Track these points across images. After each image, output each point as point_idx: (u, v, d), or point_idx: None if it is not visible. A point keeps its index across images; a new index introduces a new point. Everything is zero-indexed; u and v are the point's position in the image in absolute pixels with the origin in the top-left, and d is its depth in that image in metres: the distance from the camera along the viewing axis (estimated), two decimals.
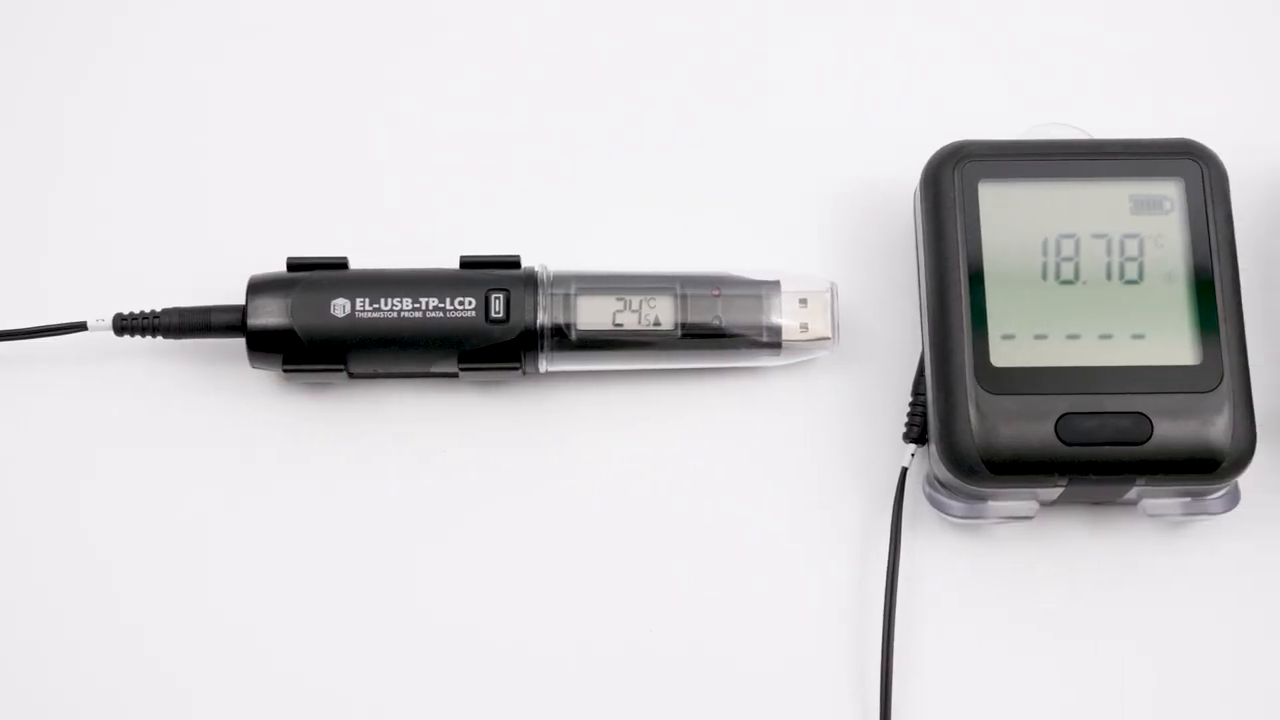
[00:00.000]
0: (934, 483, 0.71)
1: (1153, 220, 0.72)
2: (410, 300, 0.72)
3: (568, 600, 0.71)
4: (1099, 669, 0.71)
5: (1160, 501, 0.70)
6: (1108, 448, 0.68)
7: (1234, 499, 0.71)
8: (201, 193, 0.77)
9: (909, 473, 0.72)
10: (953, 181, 0.72)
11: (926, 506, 0.72)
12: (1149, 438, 0.68)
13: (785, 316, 0.73)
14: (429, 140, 0.78)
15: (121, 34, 0.79)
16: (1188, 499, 0.70)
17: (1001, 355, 0.70)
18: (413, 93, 0.79)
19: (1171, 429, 0.68)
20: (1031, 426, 0.68)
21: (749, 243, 0.76)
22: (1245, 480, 0.71)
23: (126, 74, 0.79)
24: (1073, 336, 0.70)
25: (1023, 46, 0.79)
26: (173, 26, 0.79)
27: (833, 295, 0.73)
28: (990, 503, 0.71)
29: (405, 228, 0.76)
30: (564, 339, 0.72)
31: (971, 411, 0.69)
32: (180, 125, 0.78)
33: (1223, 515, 0.71)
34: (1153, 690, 0.70)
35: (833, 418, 0.74)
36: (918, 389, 0.72)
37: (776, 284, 0.73)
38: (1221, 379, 0.69)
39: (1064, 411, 0.69)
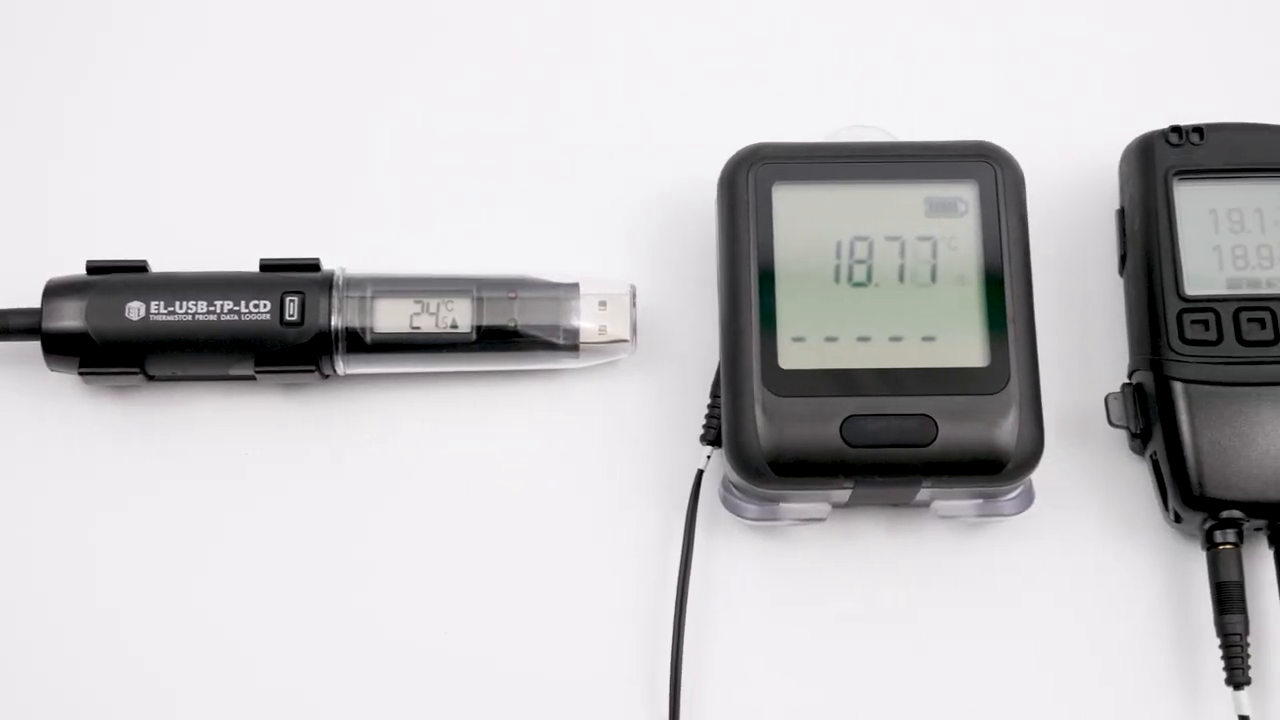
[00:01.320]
0: (729, 485, 0.71)
1: (947, 223, 0.72)
2: (205, 303, 0.72)
3: (365, 601, 0.71)
4: (895, 669, 0.71)
5: (952, 504, 0.71)
6: (892, 450, 0.68)
7: (1027, 500, 0.71)
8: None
9: (706, 475, 0.72)
10: (747, 184, 0.72)
11: (724, 509, 0.72)
12: (934, 440, 0.68)
13: (584, 319, 0.73)
14: (238, 143, 0.78)
15: None
16: (980, 500, 0.71)
17: (790, 357, 0.70)
18: (215, 98, 0.79)
19: (956, 431, 0.68)
20: (816, 429, 0.68)
21: (553, 246, 0.76)
22: (1040, 481, 0.71)
23: None
24: (863, 339, 0.70)
25: (832, 48, 0.80)
26: None
27: (632, 298, 0.73)
28: (782, 505, 0.71)
29: (211, 232, 0.76)
30: (360, 342, 0.72)
31: (758, 414, 0.69)
32: None
33: (1016, 516, 0.71)
34: (948, 690, 0.71)
35: (633, 420, 0.74)
36: (715, 391, 0.72)
37: (575, 286, 0.73)
38: (1008, 380, 0.69)
39: (849, 414, 0.69)
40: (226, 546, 0.72)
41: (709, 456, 0.72)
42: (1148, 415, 0.71)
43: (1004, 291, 0.70)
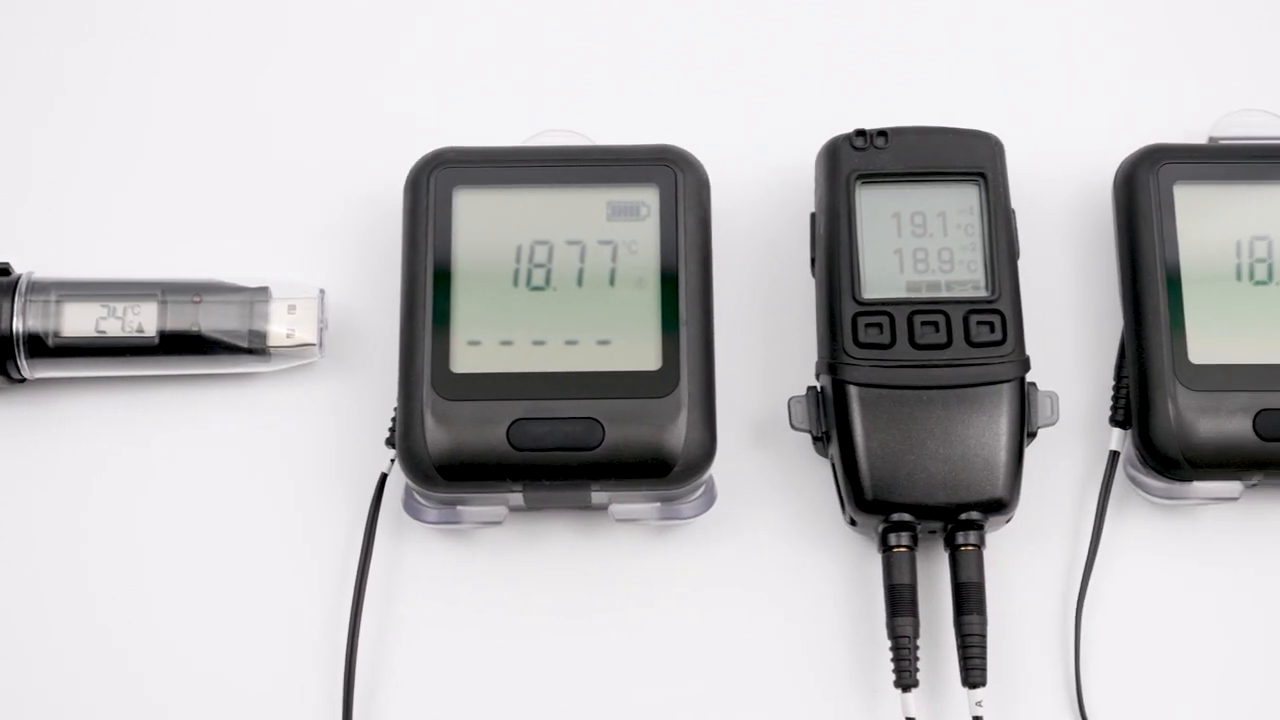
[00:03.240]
0: (409, 489, 0.71)
1: (628, 226, 0.72)
2: None
3: (54, 602, 0.71)
4: (575, 672, 0.71)
5: (629, 507, 0.71)
6: (558, 453, 0.68)
7: (708, 503, 0.71)
8: None
9: (391, 478, 0.72)
10: (429, 188, 0.72)
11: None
12: (600, 443, 0.68)
13: (272, 323, 0.73)
14: None
15: None
16: (659, 504, 0.71)
17: (463, 361, 0.70)
18: None
19: (623, 434, 0.68)
20: (483, 432, 0.69)
21: (248, 250, 0.76)
22: (728, 483, 0.71)
23: None
24: (539, 343, 0.70)
25: (529, 52, 0.80)
26: None
27: (320, 302, 0.73)
28: (460, 508, 0.71)
29: None
30: (43, 346, 0.72)
31: (427, 417, 0.69)
32: None
33: (698, 519, 0.71)
34: (629, 690, 0.71)
35: (324, 423, 0.74)
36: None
37: (265, 290, 0.73)
38: (678, 383, 0.69)
39: (516, 417, 0.69)
40: None
41: (393, 460, 0.72)
42: (829, 419, 0.71)
43: (679, 295, 0.70)
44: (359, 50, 0.80)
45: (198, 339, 0.72)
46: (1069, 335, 0.75)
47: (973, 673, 0.69)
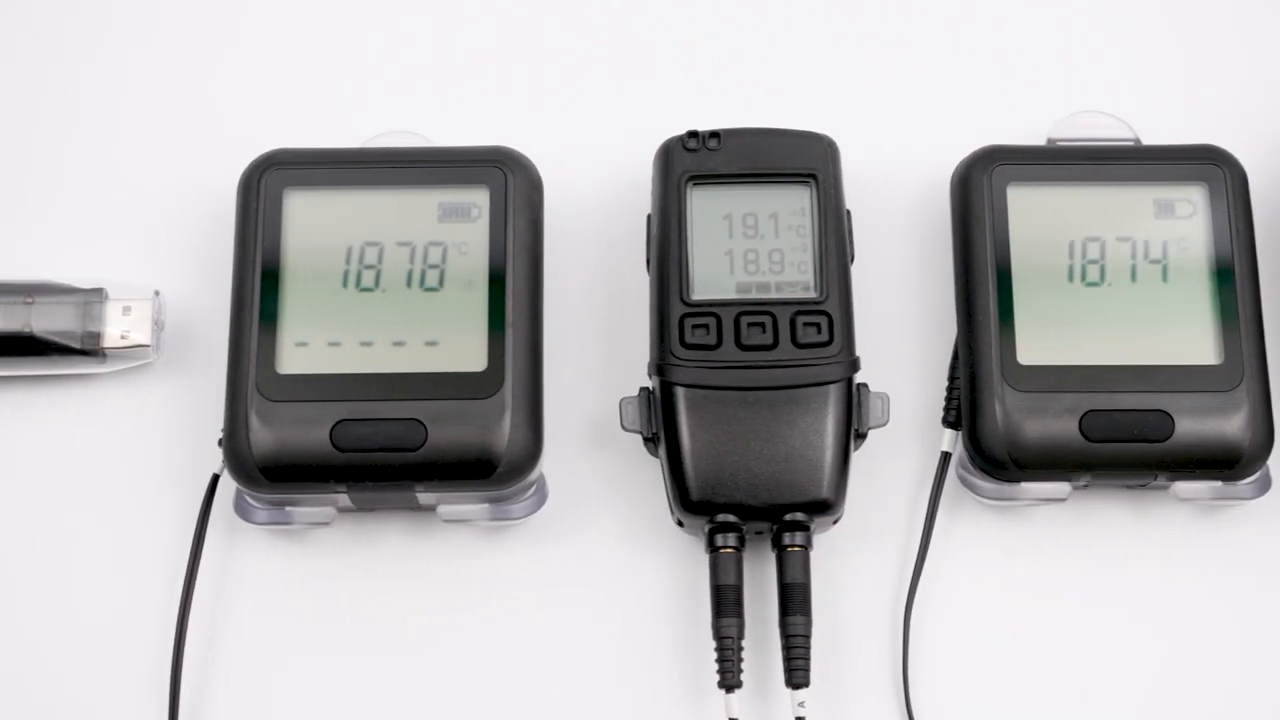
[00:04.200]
0: (240, 490, 0.71)
1: (459, 228, 0.72)
2: None
3: None
4: (404, 673, 0.71)
5: (457, 508, 0.71)
6: (381, 454, 0.69)
7: (538, 503, 0.71)
8: None
9: (223, 479, 0.72)
10: (259, 189, 0.72)
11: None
12: (423, 444, 0.69)
13: (107, 324, 0.73)
14: None
15: None
16: (487, 504, 0.71)
17: (290, 362, 0.70)
18: None
19: (446, 435, 0.69)
20: (307, 434, 0.69)
21: (85, 252, 0.76)
22: (563, 483, 0.72)
23: None
24: (367, 344, 0.70)
25: (373, 53, 0.80)
26: None
27: (156, 303, 0.73)
28: (289, 509, 0.71)
29: None
30: None
31: (252, 418, 0.69)
32: None
33: (528, 519, 0.71)
34: (454, 690, 0.71)
35: (162, 423, 0.74)
36: None
37: (99, 291, 0.73)
38: (503, 384, 0.69)
39: (340, 418, 0.69)
40: None
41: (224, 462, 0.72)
42: (658, 420, 0.71)
43: (505, 296, 0.71)
44: (199, 50, 0.80)
45: (30, 340, 0.73)
46: (907, 337, 0.75)
47: (796, 673, 0.69)
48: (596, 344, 0.75)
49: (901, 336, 0.75)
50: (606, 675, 0.71)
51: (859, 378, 0.71)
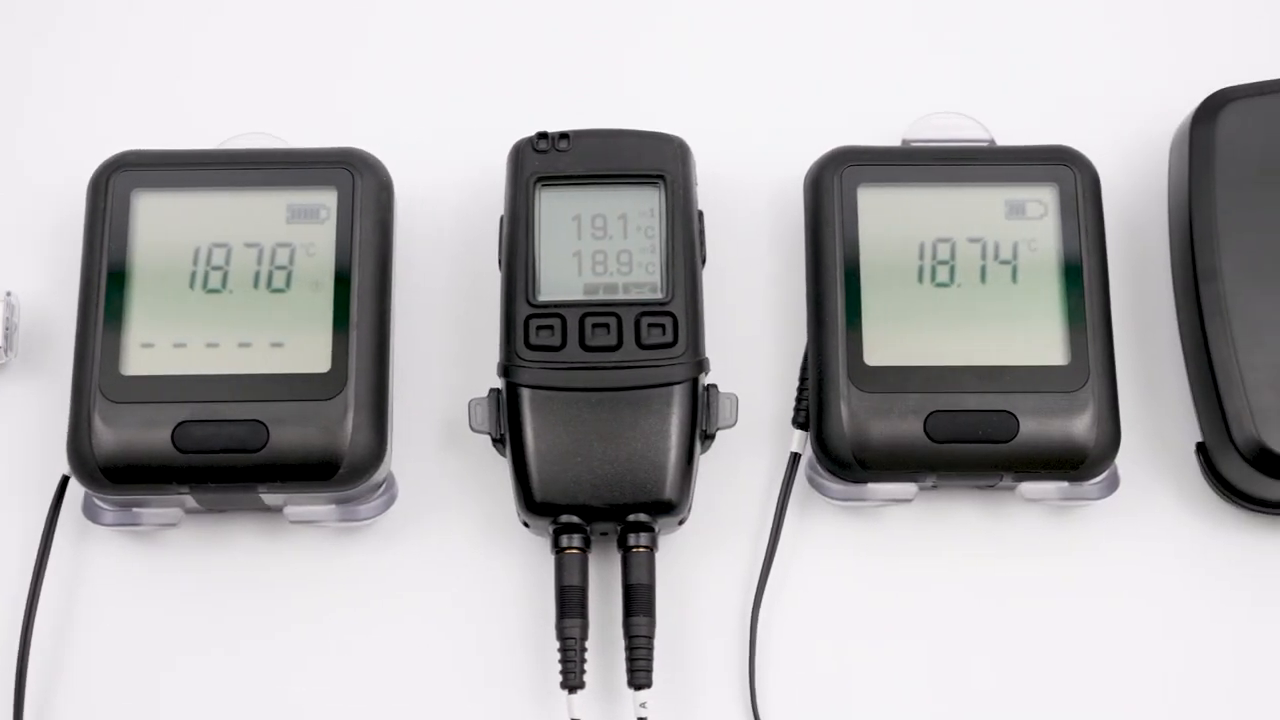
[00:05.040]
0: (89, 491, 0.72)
1: (307, 229, 0.72)
2: None
3: None
4: (254, 673, 0.71)
5: (303, 509, 0.71)
6: (222, 455, 0.69)
7: (387, 503, 0.72)
8: None
9: (73, 481, 0.72)
10: (107, 191, 0.72)
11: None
12: (265, 445, 0.69)
13: None
14: None
15: None
16: (334, 505, 0.71)
17: (134, 364, 0.70)
18: None
19: (287, 436, 0.69)
20: (149, 434, 0.69)
21: None
22: (415, 484, 0.72)
23: None
24: (212, 345, 0.70)
25: (229, 54, 0.80)
26: None
27: (7, 304, 0.73)
28: (136, 510, 0.71)
29: None
30: None
31: (94, 419, 0.69)
32: None
33: (376, 520, 0.71)
34: (306, 690, 0.71)
35: (12, 425, 0.74)
36: None
37: None
38: (346, 385, 0.69)
39: (182, 420, 0.69)
40: None
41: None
42: (505, 421, 0.71)
43: (351, 297, 0.71)
44: (54, 50, 0.80)
45: None
46: (761, 338, 0.75)
47: (638, 674, 0.69)
48: (450, 345, 0.75)
49: (755, 338, 0.75)
50: (452, 675, 0.71)
51: (710, 379, 0.71)
